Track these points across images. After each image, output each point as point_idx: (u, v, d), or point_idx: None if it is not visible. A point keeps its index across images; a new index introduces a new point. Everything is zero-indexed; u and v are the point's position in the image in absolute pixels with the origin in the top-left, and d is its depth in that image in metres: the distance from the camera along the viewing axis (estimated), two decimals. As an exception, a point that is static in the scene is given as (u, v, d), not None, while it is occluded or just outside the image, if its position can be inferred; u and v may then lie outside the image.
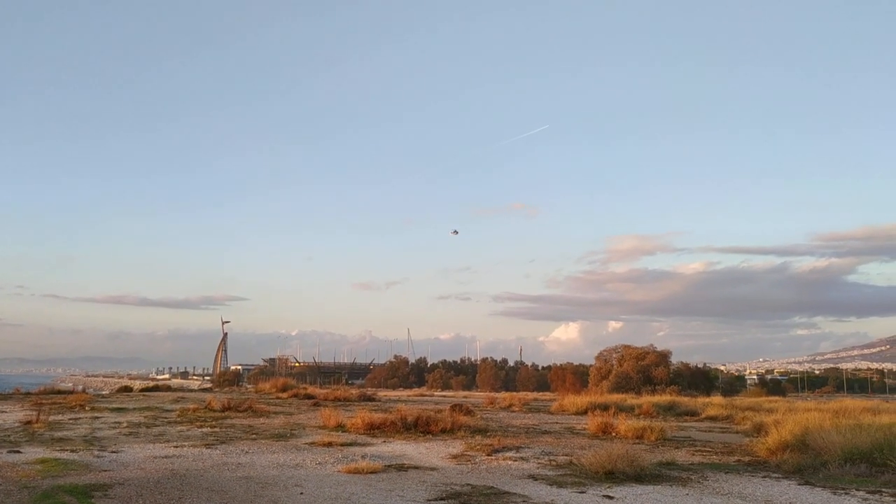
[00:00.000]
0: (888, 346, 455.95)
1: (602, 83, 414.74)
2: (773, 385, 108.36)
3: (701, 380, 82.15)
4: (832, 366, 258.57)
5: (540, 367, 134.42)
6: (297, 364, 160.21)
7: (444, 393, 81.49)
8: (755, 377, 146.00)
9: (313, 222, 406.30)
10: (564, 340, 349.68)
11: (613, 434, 21.27)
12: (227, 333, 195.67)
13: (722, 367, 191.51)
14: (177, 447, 16.48)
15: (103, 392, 59.51)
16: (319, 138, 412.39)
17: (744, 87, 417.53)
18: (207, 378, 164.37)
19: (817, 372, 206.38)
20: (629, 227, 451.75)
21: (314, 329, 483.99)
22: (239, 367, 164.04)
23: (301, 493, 10.88)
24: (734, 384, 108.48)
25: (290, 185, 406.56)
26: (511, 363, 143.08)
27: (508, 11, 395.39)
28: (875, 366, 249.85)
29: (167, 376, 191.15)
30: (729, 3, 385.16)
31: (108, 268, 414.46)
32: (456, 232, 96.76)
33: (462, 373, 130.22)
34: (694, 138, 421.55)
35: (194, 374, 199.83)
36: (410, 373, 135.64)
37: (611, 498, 11.15)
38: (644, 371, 74.67)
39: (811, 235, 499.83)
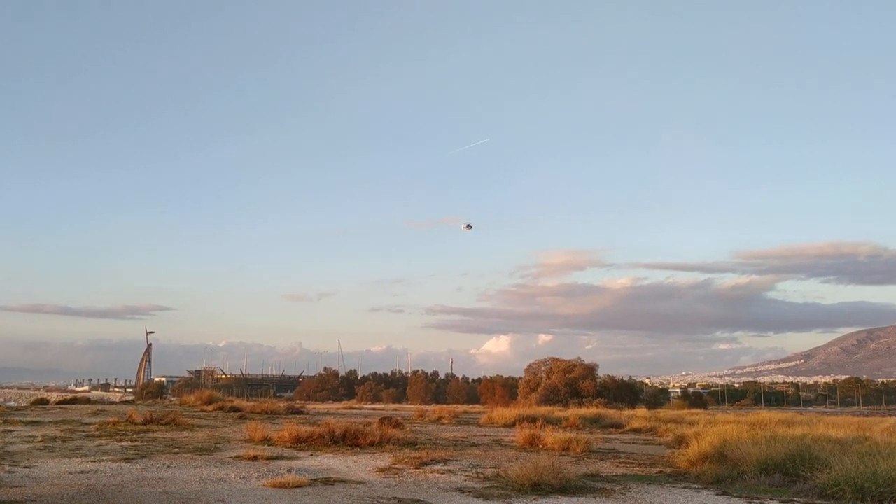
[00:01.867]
0: (803, 361, 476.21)
1: (538, 104, 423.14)
2: (695, 398, 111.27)
3: (626, 392, 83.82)
4: (751, 379, 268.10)
5: (470, 380, 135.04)
6: (223, 376, 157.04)
7: (374, 406, 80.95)
8: (678, 390, 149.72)
9: (244, 232, 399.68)
10: (495, 353, 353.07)
11: (540, 446, 21.50)
12: (151, 344, 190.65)
13: (647, 380, 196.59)
14: (94, 462, 15.91)
15: (16, 404, 56.94)
16: (251, 149, 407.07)
17: (670, 108, 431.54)
18: (129, 390, 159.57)
19: (737, 385, 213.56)
20: (560, 243, 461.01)
21: (242, 340, 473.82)
22: (163, 379, 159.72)
23: (224, 509, 10.66)
24: (658, 397, 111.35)
25: (220, 195, 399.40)
26: (442, 376, 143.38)
27: (452, 45, 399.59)
28: (790, 379, 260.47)
29: (87, 388, 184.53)
30: (651, 23, 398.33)
31: (26, 275, 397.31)
32: (469, 226, 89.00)
33: (393, 385, 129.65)
34: (622, 157, 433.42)
35: (116, 387, 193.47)
36: (340, 385, 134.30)
37: (536, 510, 11.27)
38: (572, 384, 75.83)
39: (733, 253, 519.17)
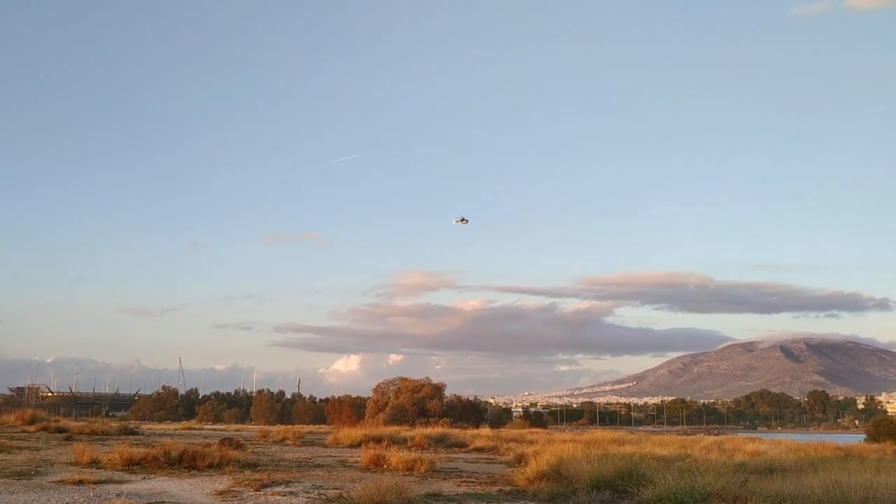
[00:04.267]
0: (635, 383, 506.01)
1: (408, 123, 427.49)
2: (536, 417, 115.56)
3: (471, 412, 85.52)
4: (588, 400, 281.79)
5: (318, 400, 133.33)
6: (49, 394, 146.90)
7: (215, 426, 77.96)
8: (521, 410, 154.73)
9: (82, 239, 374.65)
10: (345, 372, 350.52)
11: (385, 466, 21.52)
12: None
13: (492, 400, 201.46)
14: None
15: None
16: (105, 152, 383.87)
17: (529, 142, 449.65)
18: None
19: (575, 405, 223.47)
20: (416, 263, 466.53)
21: (73, 356, 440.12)
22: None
23: (43, 538, 9.93)
24: (501, 416, 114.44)
25: (56, 197, 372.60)
26: (289, 395, 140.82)
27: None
28: (624, 400, 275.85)
29: None
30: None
31: None
32: (465, 220, 72.56)
33: (236, 405, 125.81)
34: (478, 182, 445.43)
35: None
36: (180, 405, 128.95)
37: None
38: (419, 403, 76.44)
39: (577, 279, 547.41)
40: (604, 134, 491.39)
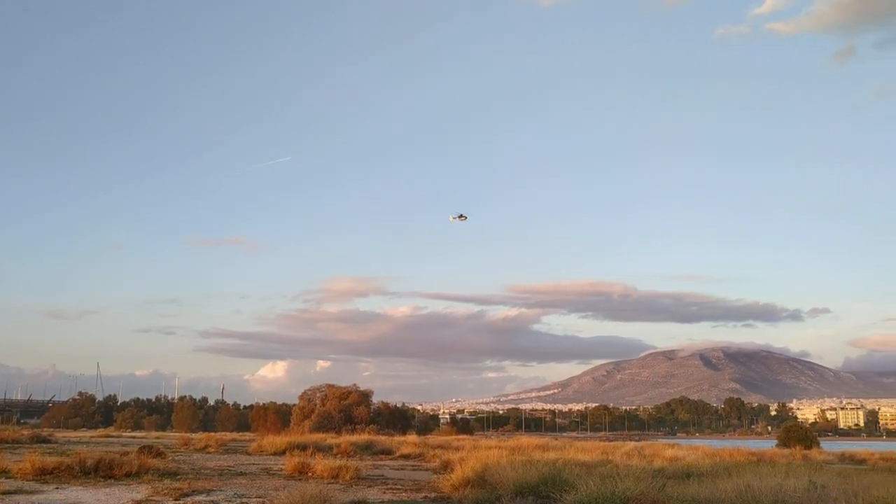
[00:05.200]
0: (560, 389, 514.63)
1: (347, 127, 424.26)
2: (463, 424, 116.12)
3: (399, 419, 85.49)
4: (514, 406, 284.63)
5: (242, 407, 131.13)
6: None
7: (134, 434, 75.57)
8: (448, 416, 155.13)
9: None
10: (271, 379, 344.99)
11: (310, 474, 21.35)
12: None
13: (419, 407, 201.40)
14: None
15: None
16: (23, 154, 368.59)
17: (459, 159, 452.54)
18: None
19: (501, 412, 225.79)
20: (346, 269, 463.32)
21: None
22: None
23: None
24: (429, 423, 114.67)
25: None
26: (212, 402, 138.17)
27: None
28: (549, 406, 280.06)
29: None
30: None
31: None
32: (463, 217, 69.94)
33: (157, 412, 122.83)
34: (409, 191, 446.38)
35: None
36: (97, 411, 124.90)
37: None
38: (346, 410, 75.98)
39: (506, 287, 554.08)
40: (532, 148, 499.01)
